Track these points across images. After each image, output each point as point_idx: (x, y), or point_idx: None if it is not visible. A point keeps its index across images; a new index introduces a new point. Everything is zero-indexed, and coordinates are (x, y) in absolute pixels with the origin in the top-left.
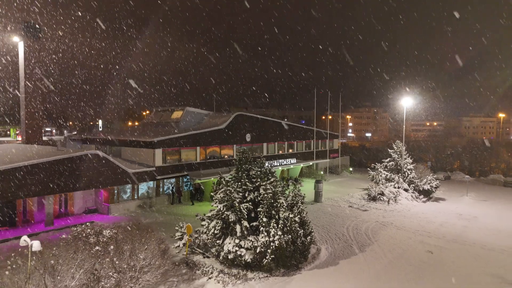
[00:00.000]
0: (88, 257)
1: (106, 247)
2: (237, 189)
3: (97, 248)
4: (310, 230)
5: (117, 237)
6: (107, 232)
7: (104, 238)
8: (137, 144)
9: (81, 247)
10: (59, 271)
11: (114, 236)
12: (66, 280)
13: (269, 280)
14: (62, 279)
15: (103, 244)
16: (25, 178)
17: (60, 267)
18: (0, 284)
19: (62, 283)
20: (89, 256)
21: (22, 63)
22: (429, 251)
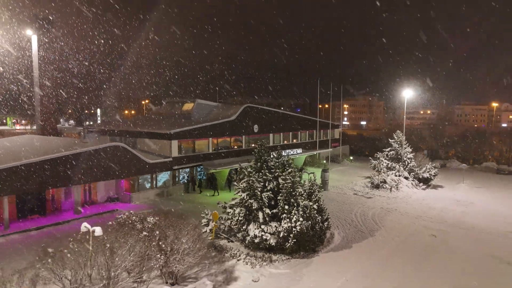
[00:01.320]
0: (137, 241)
1: (152, 232)
2: (258, 179)
3: (144, 233)
4: (327, 217)
5: (160, 223)
6: (150, 219)
7: (149, 224)
8: (153, 135)
9: (129, 232)
10: (116, 253)
11: (158, 223)
12: (123, 261)
13: (291, 262)
14: (120, 260)
15: (149, 230)
16: (56, 169)
17: (116, 250)
18: (63, 264)
19: (120, 263)
20: (138, 240)
21: (36, 56)
22: (433, 235)
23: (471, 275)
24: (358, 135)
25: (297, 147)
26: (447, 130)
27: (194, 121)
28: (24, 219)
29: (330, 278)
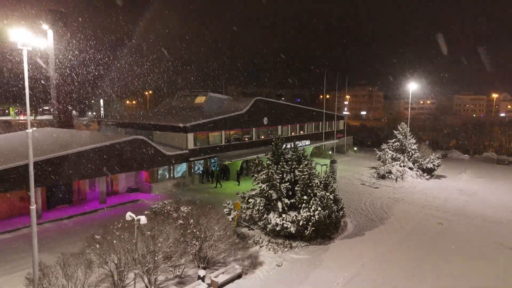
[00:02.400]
0: (175, 229)
1: (187, 220)
2: (277, 171)
3: (180, 221)
4: (342, 206)
5: (193, 212)
6: (184, 208)
7: (183, 213)
8: (169, 128)
9: (166, 221)
10: (158, 240)
11: (191, 212)
12: (164, 247)
13: (309, 248)
14: (161, 246)
15: (183, 218)
16: (84, 162)
17: (157, 237)
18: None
19: (162, 248)
20: (175, 228)
21: (52, 50)
22: (439, 223)
23: (477, 259)
24: (360, 125)
25: (305, 138)
26: (447, 121)
27: (206, 114)
28: (53, 209)
29: (347, 263)
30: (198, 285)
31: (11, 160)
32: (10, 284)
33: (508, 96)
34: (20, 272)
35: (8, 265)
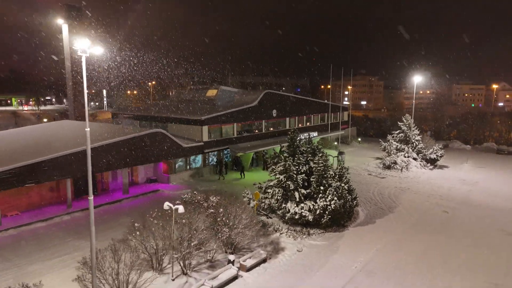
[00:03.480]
0: (205, 217)
1: (217, 209)
2: (293, 163)
3: (211, 210)
4: (355, 196)
5: (221, 202)
6: (213, 198)
7: (212, 203)
8: (184, 121)
9: (198, 210)
10: (193, 227)
11: (219, 201)
12: (198, 233)
13: (326, 235)
14: (196, 232)
15: (213, 207)
16: (108, 154)
17: (192, 225)
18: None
19: (197, 235)
20: (206, 216)
21: (67, 44)
22: (445, 211)
23: (482, 245)
24: (363, 116)
25: (312, 130)
26: (448, 111)
27: (218, 107)
28: (80, 199)
29: (362, 248)
30: (229, 268)
31: (42, 153)
32: (52, 268)
33: (507, 85)
34: (59, 258)
35: (48, 251)
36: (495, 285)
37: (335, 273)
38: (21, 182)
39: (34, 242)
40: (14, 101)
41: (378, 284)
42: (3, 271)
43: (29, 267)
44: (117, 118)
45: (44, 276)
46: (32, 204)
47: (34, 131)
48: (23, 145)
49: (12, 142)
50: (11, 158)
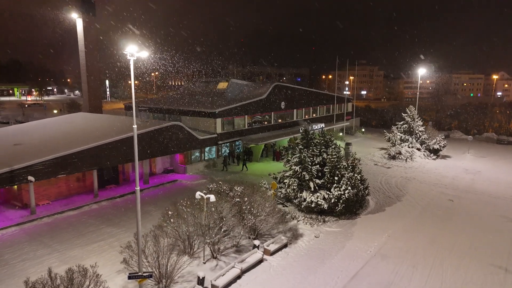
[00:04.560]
0: (232, 205)
1: (242, 198)
2: (308, 154)
3: (237, 199)
4: (367, 185)
5: (246, 191)
6: (238, 188)
7: (237, 192)
8: (199, 113)
9: (224, 198)
10: (222, 215)
11: (244, 191)
12: (227, 220)
13: (339, 222)
14: (225, 220)
15: (239, 196)
16: (131, 146)
17: (221, 213)
18: (183, 223)
19: (226, 222)
20: (232, 204)
21: (81, 38)
22: (450, 199)
23: (486, 231)
24: (365, 106)
25: (318, 121)
26: (447, 101)
27: (228, 99)
28: (104, 189)
29: (375, 234)
30: (255, 252)
31: (70, 145)
32: (91, 253)
33: (506, 75)
34: (96, 243)
35: (84, 238)
36: (499, 267)
37: (352, 256)
38: (54, 173)
39: (69, 229)
40: (16, 91)
41: (392, 266)
42: (45, 256)
43: (69, 252)
44: (129, 110)
45: (85, 260)
46: (60, 194)
47: (55, 123)
48: (50, 138)
49: (39, 135)
50: (42, 150)
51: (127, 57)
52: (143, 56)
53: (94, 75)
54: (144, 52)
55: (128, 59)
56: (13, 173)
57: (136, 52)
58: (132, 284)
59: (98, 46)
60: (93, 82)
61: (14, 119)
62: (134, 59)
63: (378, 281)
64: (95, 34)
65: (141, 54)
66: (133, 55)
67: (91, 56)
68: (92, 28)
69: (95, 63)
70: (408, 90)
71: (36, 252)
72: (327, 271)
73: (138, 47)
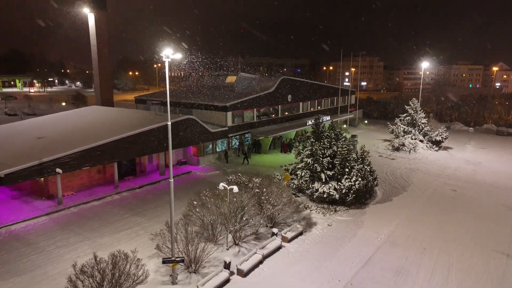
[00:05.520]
0: (252, 196)
1: (261, 189)
2: (319, 147)
3: (256, 190)
4: (375, 176)
5: (263, 183)
6: (256, 179)
7: (256, 183)
8: (210, 107)
9: (244, 189)
10: (243, 204)
11: (261, 182)
12: (248, 210)
13: (350, 212)
14: (247, 209)
15: (258, 187)
16: (148, 139)
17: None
18: (206, 212)
19: (247, 211)
20: (252, 195)
21: (93, 33)
22: (453, 189)
23: (488, 219)
24: (367, 98)
25: (323, 114)
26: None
27: (237, 93)
28: (123, 180)
29: (384, 223)
30: (274, 239)
31: (91, 138)
32: (120, 240)
33: (504, 65)
34: (123, 231)
35: (111, 226)
36: (501, 253)
37: (364, 243)
38: (79, 166)
39: (96, 219)
40: (18, 82)
41: (402, 252)
42: (78, 243)
43: (99, 239)
44: (140, 103)
45: (115, 247)
46: (83, 185)
47: (71, 117)
48: (70, 131)
49: (58, 128)
50: (65, 143)
51: (162, 59)
52: (177, 58)
53: (105, 69)
54: (178, 54)
55: (163, 61)
56: (43, 166)
57: (171, 54)
58: (164, 268)
59: (109, 40)
60: (104, 76)
61: (21, 111)
62: (169, 60)
63: (389, 266)
64: (106, 28)
65: (175, 56)
66: (168, 57)
67: (102, 50)
68: (103, 22)
69: (106, 57)
70: (408, 81)
71: (69, 240)
72: (342, 257)
73: (173, 50)
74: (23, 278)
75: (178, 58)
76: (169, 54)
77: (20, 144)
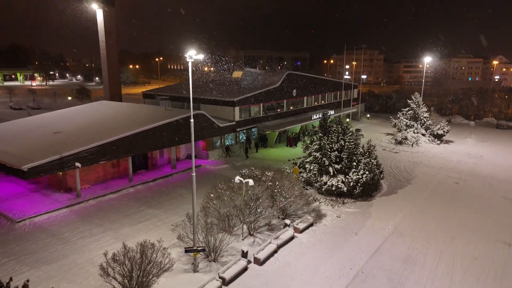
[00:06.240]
0: (265, 189)
1: (274, 182)
2: (327, 141)
3: (269, 183)
4: (381, 170)
5: (276, 176)
6: (269, 173)
7: (269, 177)
8: (218, 102)
9: (258, 182)
10: (258, 196)
11: (274, 176)
12: (263, 202)
13: (357, 204)
14: (262, 201)
15: (270, 180)
16: (161, 134)
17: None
18: (223, 203)
19: (262, 203)
20: (266, 188)
21: (101, 29)
22: (456, 182)
23: (490, 210)
24: (368, 92)
25: (327, 108)
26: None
27: (243, 88)
28: (135, 174)
29: (390, 214)
30: (286, 230)
31: (106, 133)
32: (140, 231)
33: (504, 58)
34: (142, 223)
35: (130, 218)
36: (503, 242)
37: (372, 234)
38: (97, 160)
39: (113, 211)
40: (19, 76)
41: (409, 242)
42: (100, 234)
43: (120, 230)
44: (148, 98)
45: (136, 238)
46: (98, 178)
47: (83, 111)
48: (84, 126)
49: (73, 123)
50: (82, 138)
51: (186, 59)
52: (200, 58)
53: (113, 64)
54: (200, 55)
55: (187, 61)
56: (63, 160)
57: (194, 55)
58: (185, 257)
59: (117, 35)
60: (113, 71)
61: (26, 105)
62: (192, 61)
63: (398, 255)
64: (114, 24)
65: (198, 57)
66: (191, 57)
67: (110, 46)
68: (112, 18)
69: (115, 53)
70: (407, 74)
71: (91, 231)
72: (352, 247)
73: (196, 51)
74: (53, 267)
75: (201, 58)
76: (192, 54)
77: (38, 139)
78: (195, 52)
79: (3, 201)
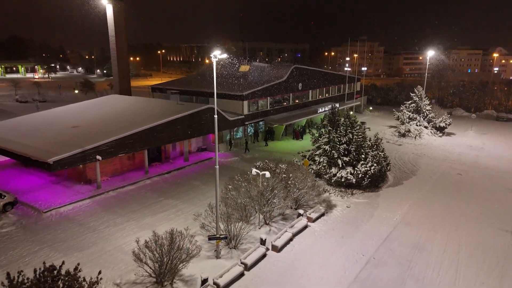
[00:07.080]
0: (280, 180)
1: (288, 174)
2: (336, 135)
3: (283, 175)
4: (388, 162)
5: (289, 168)
6: (282, 165)
7: (282, 169)
8: (227, 96)
9: (272, 174)
10: (273, 187)
11: (287, 168)
12: (278, 193)
13: (365, 194)
14: (277, 192)
15: (284, 173)
16: (175, 127)
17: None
18: (239, 194)
19: (277, 194)
20: (280, 179)
21: (111, 24)
22: (459, 173)
23: (492, 200)
24: (370, 85)
25: (332, 101)
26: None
27: (250, 82)
28: (150, 166)
29: (397, 204)
30: (300, 220)
31: (123, 128)
32: (161, 221)
33: (503, 50)
34: (162, 213)
35: (150, 209)
36: (505, 231)
37: (381, 223)
38: (116, 153)
39: (133, 202)
40: (21, 68)
41: (416, 231)
42: (125, 223)
43: (142, 220)
44: (156, 92)
45: (158, 227)
46: (116, 171)
47: (95, 106)
48: (100, 120)
49: (88, 117)
50: (100, 132)
51: (211, 59)
52: (223, 57)
53: (123, 59)
54: (223, 55)
55: (212, 61)
56: (85, 153)
57: (219, 55)
58: (207, 245)
59: (126, 30)
60: (122, 65)
61: (32, 98)
62: (216, 60)
63: (406, 242)
64: (124, 19)
65: (221, 56)
66: (216, 57)
67: (120, 41)
68: (121, 13)
69: (124, 47)
70: (407, 66)
71: (115, 220)
72: (362, 235)
73: (221, 51)
74: (84, 254)
75: (224, 57)
76: (217, 54)
77: (57, 132)
78: (220, 52)
79: (27, 193)
